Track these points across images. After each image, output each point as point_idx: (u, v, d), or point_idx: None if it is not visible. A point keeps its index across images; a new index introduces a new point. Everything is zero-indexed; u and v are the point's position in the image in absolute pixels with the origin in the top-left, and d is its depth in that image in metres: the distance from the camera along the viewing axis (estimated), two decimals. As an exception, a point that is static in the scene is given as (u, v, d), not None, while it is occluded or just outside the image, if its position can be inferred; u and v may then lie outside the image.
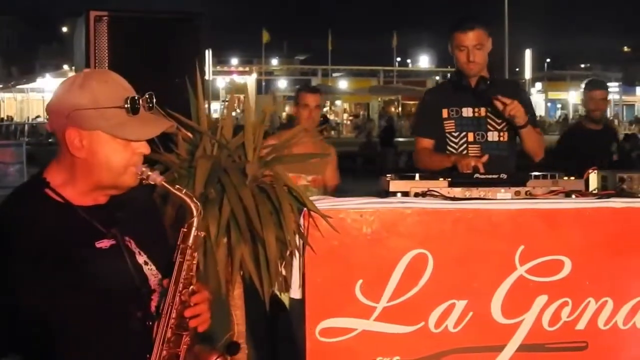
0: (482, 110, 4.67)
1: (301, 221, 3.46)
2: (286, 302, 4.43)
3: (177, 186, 2.38)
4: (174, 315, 2.30)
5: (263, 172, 3.31)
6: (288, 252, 3.37)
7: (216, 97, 40.25)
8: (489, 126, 4.67)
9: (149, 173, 2.34)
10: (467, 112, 4.70)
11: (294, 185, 3.32)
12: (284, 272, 3.45)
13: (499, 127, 4.67)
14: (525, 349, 3.77)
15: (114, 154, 2.31)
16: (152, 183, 2.35)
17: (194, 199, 2.36)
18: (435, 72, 63.24)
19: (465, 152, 4.66)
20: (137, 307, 2.34)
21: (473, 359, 3.76)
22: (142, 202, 2.52)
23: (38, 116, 53.41)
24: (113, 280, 2.29)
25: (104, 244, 2.31)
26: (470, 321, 3.72)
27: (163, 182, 2.35)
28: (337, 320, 3.65)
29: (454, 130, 4.69)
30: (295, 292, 3.63)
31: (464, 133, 4.67)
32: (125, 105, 2.30)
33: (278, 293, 3.78)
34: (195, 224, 2.34)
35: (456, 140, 4.69)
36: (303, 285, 3.62)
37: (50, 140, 43.19)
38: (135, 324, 2.33)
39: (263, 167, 3.31)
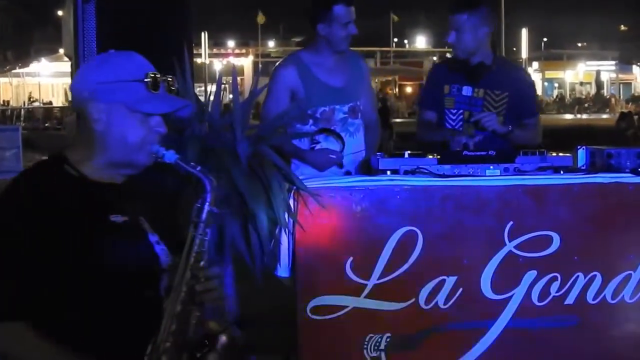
0: (481, 92, 4.68)
1: (290, 200, 3.49)
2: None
3: (192, 163, 2.41)
4: (184, 289, 2.33)
5: (252, 151, 3.33)
6: (277, 231, 3.40)
7: (213, 80, 40.21)
8: (485, 108, 4.67)
9: (164, 152, 2.37)
10: (466, 90, 4.70)
11: (283, 165, 3.34)
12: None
13: (496, 109, 4.67)
14: (515, 323, 3.81)
15: (131, 128, 2.35)
16: (167, 162, 2.38)
17: (209, 174, 2.39)
18: (432, 52, 63.10)
19: (461, 129, 4.67)
20: (147, 283, 2.39)
21: (464, 335, 3.80)
22: (156, 186, 2.58)
23: (34, 100, 53.35)
24: (125, 254, 2.33)
25: (117, 218, 2.35)
26: (460, 297, 3.76)
27: (178, 161, 2.39)
28: (328, 298, 3.69)
29: (452, 107, 4.70)
30: (284, 271, 3.66)
31: (461, 111, 4.68)
32: (146, 80, 2.34)
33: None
34: (209, 199, 2.37)
35: (453, 117, 4.70)
36: (293, 264, 3.66)
37: (46, 125, 43.18)
38: (144, 300, 2.36)
39: (252, 147, 3.33)
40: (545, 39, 61.46)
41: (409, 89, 57.32)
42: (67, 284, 2.26)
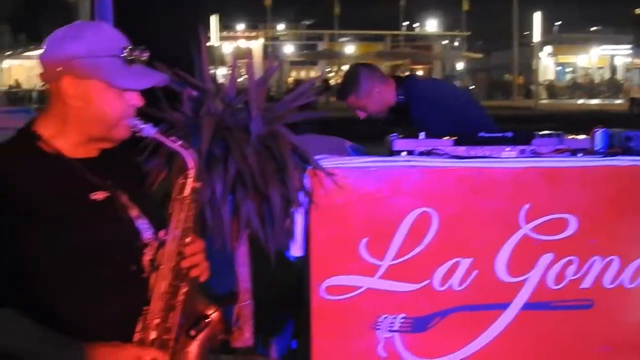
0: None
1: (305, 179, 3.47)
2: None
3: (172, 138, 2.37)
4: (171, 266, 2.31)
5: (267, 130, 3.31)
6: (292, 210, 3.38)
7: (223, 63, 40.15)
8: None
9: (142, 125, 2.34)
10: None
11: (299, 144, 3.32)
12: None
13: None
14: (529, 307, 3.79)
15: (108, 104, 2.30)
16: (145, 135, 2.34)
17: (190, 149, 2.35)
18: (442, 36, 62.93)
19: None
20: (131, 260, 2.34)
21: (478, 317, 3.77)
22: (130, 158, 2.54)
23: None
24: (108, 232, 2.30)
25: (99, 195, 2.31)
26: (475, 279, 3.73)
27: (157, 134, 2.35)
28: (342, 278, 3.67)
29: None
30: (298, 250, 3.65)
31: None
32: (122, 55, 2.30)
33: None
34: (191, 175, 2.33)
35: None
36: (307, 244, 3.64)
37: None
38: (129, 276, 2.32)
39: (267, 126, 3.32)
40: (558, 23, 61.08)
41: (419, 73, 57.19)
42: (51, 264, 2.22)
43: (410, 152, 3.81)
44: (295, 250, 3.62)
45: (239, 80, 3.58)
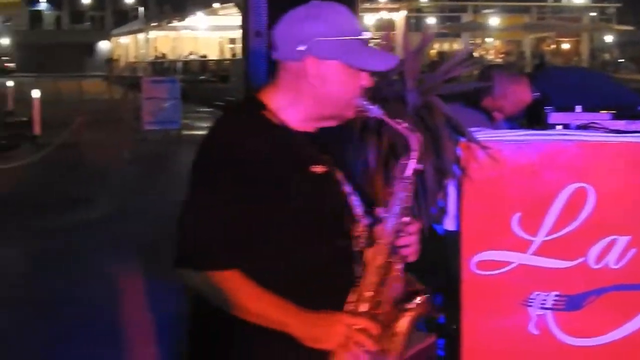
0: None
1: (459, 151, 3.43)
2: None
3: (396, 119, 2.41)
4: (388, 242, 2.37)
5: (422, 101, 3.29)
6: (445, 183, 3.35)
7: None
8: None
9: (370, 106, 2.38)
10: None
11: (453, 115, 3.28)
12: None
13: None
14: (691, 287, 3.65)
15: (345, 84, 2.37)
16: (372, 116, 2.39)
17: (415, 131, 2.38)
18: (591, 7, 61.11)
19: None
20: (343, 233, 2.41)
21: (634, 297, 3.65)
22: (340, 136, 2.62)
23: (190, 53, 54.61)
24: (325, 205, 2.37)
25: (318, 169, 2.38)
26: (633, 258, 3.61)
27: (383, 115, 2.38)
28: (493, 253, 3.61)
29: None
30: (450, 223, 3.61)
31: None
32: (361, 36, 2.36)
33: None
34: (414, 156, 2.39)
35: None
36: (458, 217, 3.60)
37: (202, 77, 44.21)
38: (341, 249, 2.39)
39: (422, 96, 3.29)
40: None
41: (566, 45, 55.81)
42: (270, 231, 2.29)
43: (566, 126, 3.72)
44: (448, 224, 3.58)
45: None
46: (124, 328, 6.36)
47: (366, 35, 2.37)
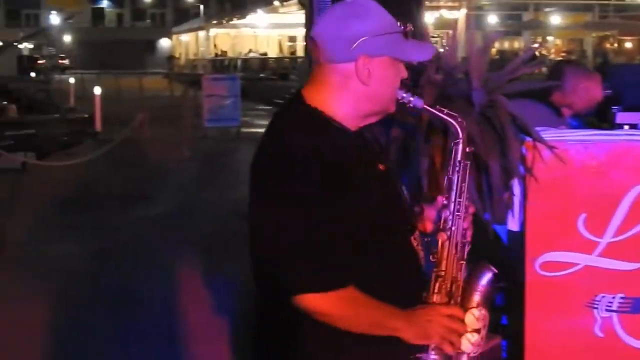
0: None
1: (524, 151, 3.39)
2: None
3: (438, 107, 2.42)
4: (451, 226, 2.40)
5: (488, 100, 3.26)
6: (510, 182, 3.32)
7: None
8: None
9: (411, 98, 2.37)
10: None
11: (519, 115, 3.25)
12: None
13: None
14: None
15: (391, 79, 2.38)
16: (414, 107, 2.38)
17: (458, 117, 2.37)
18: (654, 6, 60.09)
19: None
20: (409, 226, 2.44)
21: (703, 301, 3.59)
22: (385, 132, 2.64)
23: (250, 50, 54.87)
24: (390, 201, 2.39)
25: (381, 167, 2.39)
26: (703, 261, 3.55)
27: (425, 106, 2.38)
28: (558, 254, 3.57)
29: None
30: (515, 224, 3.58)
31: None
32: (401, 29, 2.37)
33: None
34: (461, 137, 2.40)
35: None
36: (523, 217, 3.56)
37: (261, 75, 44.40)
38: (409, 243, 2.41)
39: (487, 95, 3.26)
40: None
41: (628, 45, 54.98)
42: (354, 232, 2.28)
43: (633, 126, 3.67)
44: (513, 224, 3.55)
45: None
46: (185, 325, 6.41)
47: (402, 27, 2.37)
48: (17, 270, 7.97)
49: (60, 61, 62.66)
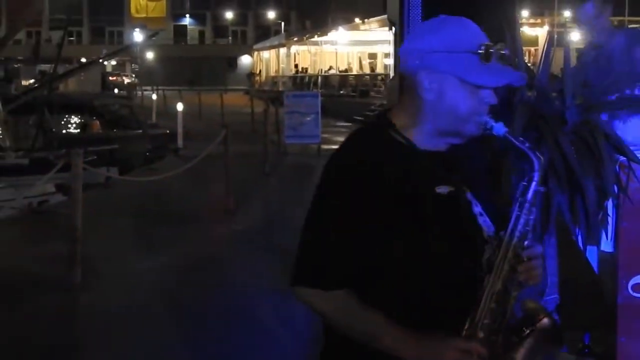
0: None
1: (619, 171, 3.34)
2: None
3: (520, 138, 2.36)
4: (506, 268, 2.29)
5: (582, 119, 3.22)
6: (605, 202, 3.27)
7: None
8: None
9: (493, 124, 2.33)
10: None
11: (614, 134, 3.20)
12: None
13: None
14: None
15: (461, 99, 2.32)
16: (496, 134, 2.34)
17: (537, 153, 2.33)
18: None
19: None
20: (469, 257, 2.34)
21: None
22: (478, 155, 2.55)
23: (330, 67, 55.04)
24: (449, 226, 2.31)
25: (443, 190, 2.33)
26: None
27: (507, 134, 2.34)
28: (652, 277, 3.51)
29: None
30: (608, 245, 3.52)
31: None
32: (479, 51, 2.30)
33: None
34: (536, 178, 2.31)
35: None
36: (616, 238, 3.51)
37: (341, 92, 44.50)
38: (465, 272, 2.33)
39: (582, 115, 3.22)
40: None
41: None
42: (390, 253, 2.27)
43: None
44: (606, 245, 3.50)
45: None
46: (268, 340, 6.44)
47: (491, 50, 2.29)
48: (102, 286, 8.08)
49: (124, 78, 61.97)
